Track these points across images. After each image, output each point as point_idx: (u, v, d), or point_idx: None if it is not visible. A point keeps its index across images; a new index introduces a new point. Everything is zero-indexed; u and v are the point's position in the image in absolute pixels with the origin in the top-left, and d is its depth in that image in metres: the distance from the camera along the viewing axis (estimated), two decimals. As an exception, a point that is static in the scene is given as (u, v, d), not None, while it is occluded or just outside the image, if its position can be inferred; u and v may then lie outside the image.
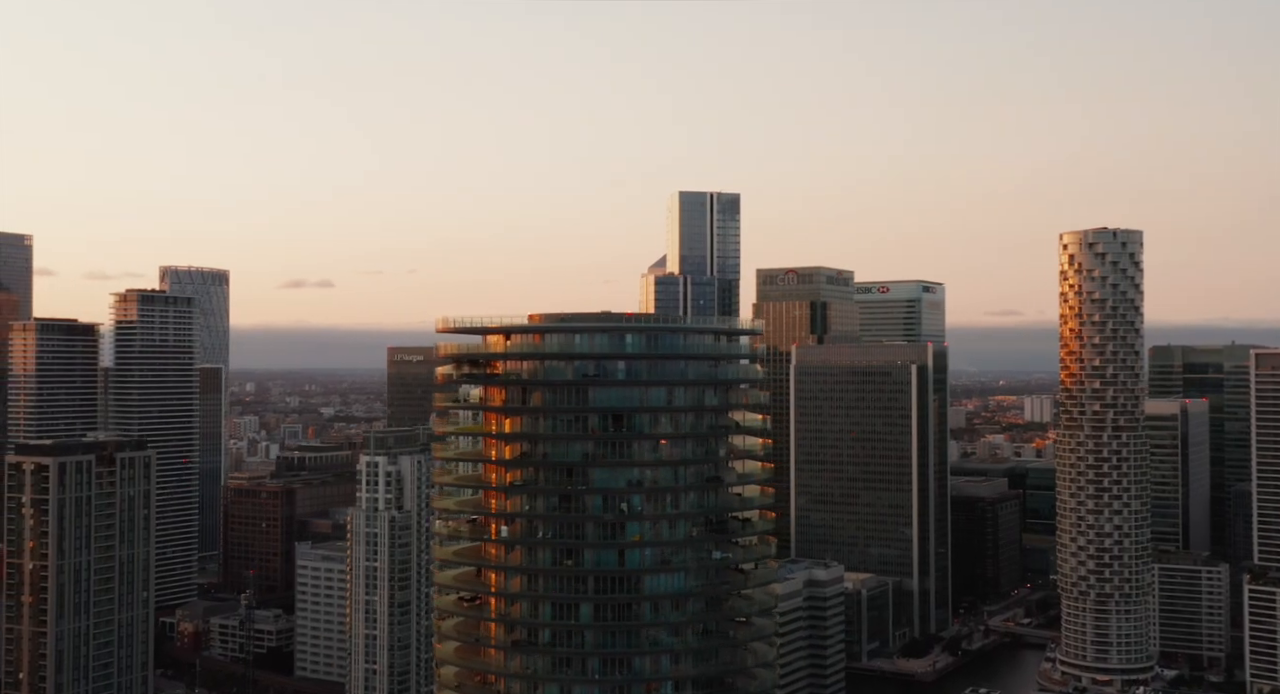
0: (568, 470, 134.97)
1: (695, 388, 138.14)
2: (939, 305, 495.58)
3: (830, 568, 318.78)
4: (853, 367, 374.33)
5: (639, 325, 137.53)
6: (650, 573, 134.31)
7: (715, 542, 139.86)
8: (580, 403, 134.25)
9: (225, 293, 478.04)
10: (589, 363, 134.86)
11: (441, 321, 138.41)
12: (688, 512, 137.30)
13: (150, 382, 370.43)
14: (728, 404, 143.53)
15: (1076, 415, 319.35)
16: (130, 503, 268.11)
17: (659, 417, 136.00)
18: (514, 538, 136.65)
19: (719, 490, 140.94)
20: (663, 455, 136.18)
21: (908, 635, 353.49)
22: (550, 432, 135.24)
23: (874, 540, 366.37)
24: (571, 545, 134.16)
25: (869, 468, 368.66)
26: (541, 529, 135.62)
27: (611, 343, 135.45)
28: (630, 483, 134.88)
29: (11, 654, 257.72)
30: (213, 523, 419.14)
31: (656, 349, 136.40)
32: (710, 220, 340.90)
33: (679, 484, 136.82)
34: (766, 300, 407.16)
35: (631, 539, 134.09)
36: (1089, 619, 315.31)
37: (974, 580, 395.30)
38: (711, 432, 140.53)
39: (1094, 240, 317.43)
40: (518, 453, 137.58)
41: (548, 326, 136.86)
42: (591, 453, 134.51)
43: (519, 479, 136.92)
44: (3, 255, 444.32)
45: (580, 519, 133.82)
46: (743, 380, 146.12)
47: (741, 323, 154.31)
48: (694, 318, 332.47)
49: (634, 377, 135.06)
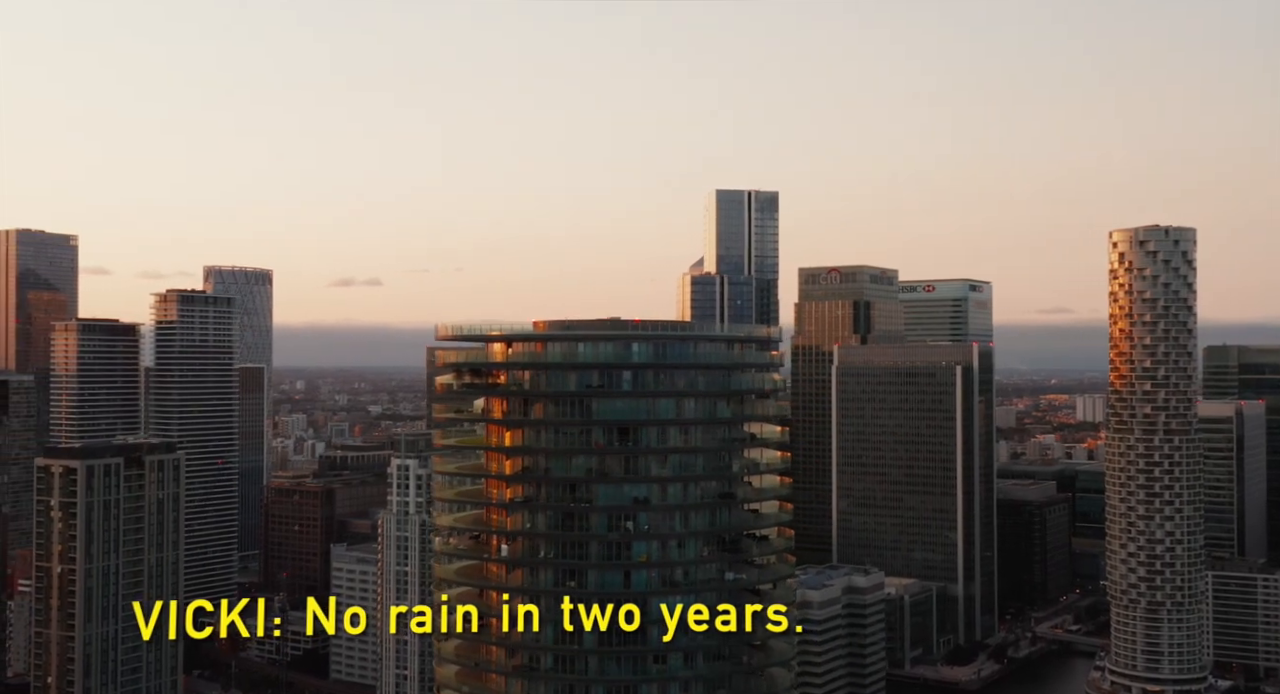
0: (570, 486, 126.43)
1: (707, 399, 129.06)
2: (986, 304, 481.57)
3: (870, 574, 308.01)
4: (896, 367, 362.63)
5: (646, 333, 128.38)
6: (658, 595, 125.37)
7: (728, 562, 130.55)
8: (584, 415, 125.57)
9: (268, 292, 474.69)
10: (593, 373, 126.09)
11: (441, 328, 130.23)
12: (698, 530, 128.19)
13: (190, 381, 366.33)
14: (743, 416, 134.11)
15: (1127, 418, 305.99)
16: (159, 506, 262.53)
17: (667, 430, 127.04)
18: (515, 557, 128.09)
19: (732, 507, 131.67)
20: (671, 471, 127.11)
21: (952, 642, 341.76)
22: (552, 445, 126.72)
23: (918, 545, 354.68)
24: (574, 566, 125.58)
25: (912, 471, 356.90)
26: (543, 548, 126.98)
27: (617, 352, 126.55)
28: (636, 500, 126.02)
29: (40, 658, 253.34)
30: (255, 522, 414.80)
31: (665, 358, 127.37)
32: (748, 219, 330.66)
33: (689, 501, 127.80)
34: (809, 300, 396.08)
35: (638, 559, 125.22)
36: (1140, 628, 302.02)
37: (1021, 586, 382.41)
38: (724, 445, 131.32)
39: (1145, 238, 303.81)
40: (519, 468, 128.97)
41: (549, 334, 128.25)
42: (595, 468, 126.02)
43: (519, 495, 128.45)
44: (49, 255, 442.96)
45: (584, 538, 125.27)
46: (759, 390, 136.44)
47: (761, 330, 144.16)
48: (730, 319, 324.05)
49: (641, 387, 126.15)
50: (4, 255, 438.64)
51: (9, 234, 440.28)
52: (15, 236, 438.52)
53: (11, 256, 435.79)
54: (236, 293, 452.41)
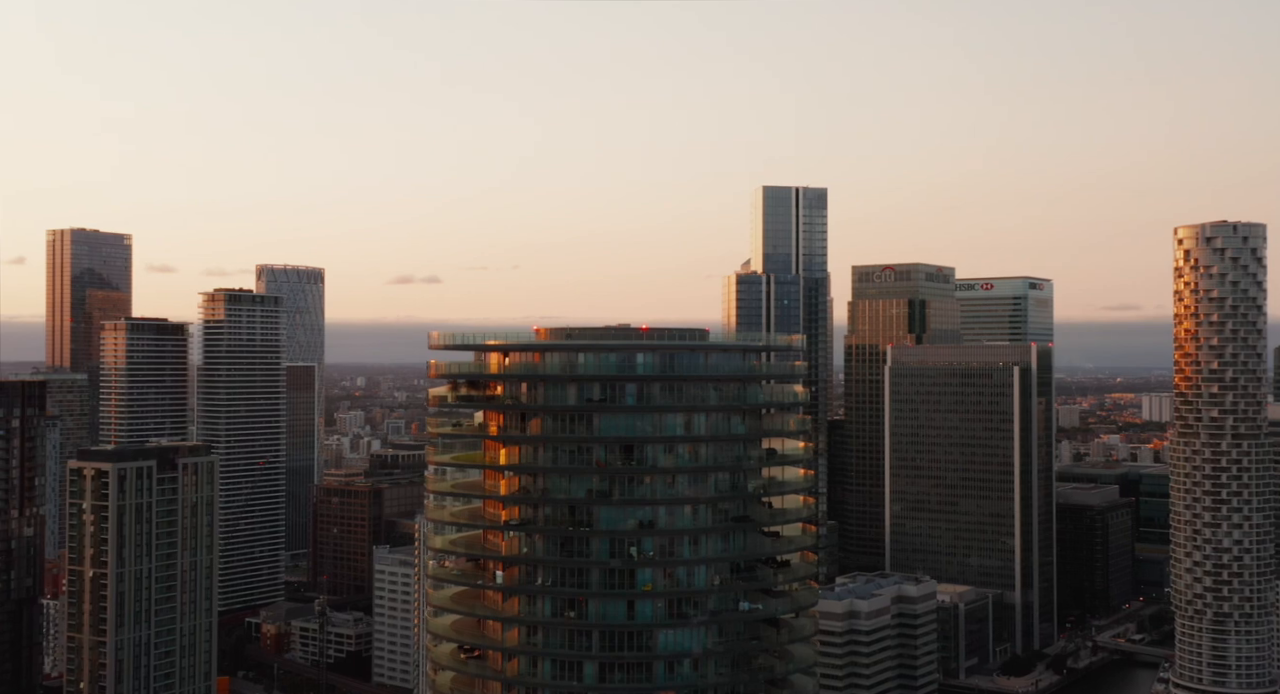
0: (570, 508, 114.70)
1: (719, 414, 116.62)
2: (1047, 302, 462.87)
3: (922, 583, 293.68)
4: (951, 367, 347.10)
5: (651, 342, 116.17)
6: (664, 628, 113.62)
7: (744, 591, 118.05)
8: (584, 431, 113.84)
9: (320, 291, 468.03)
10: (594, 385, 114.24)
11: (435, 336, 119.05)
12: (709, 557, 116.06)
13: (237, 381, 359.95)
14: (761, 432, 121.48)
15: (1192, 422, 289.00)
16: (193, 509, 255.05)
17: (675, 447, 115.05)
18: (510, 584, 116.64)
19: (747, 532, 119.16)
20: (679, 492, 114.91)
21: (1009, 652, 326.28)
22: (550, 464, 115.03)
23: (974, 551, 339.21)
24: (574, 595, 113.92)
25: (968, 474, 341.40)
26: (541, 575, 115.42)
27: (620, 363, 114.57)
28: (641, 524, 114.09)
29: (73, 663, 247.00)
30: (305, 521, 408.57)
31: (672, 370, 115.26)
32: (796, 216, 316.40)
33: (699, 525, 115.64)
34: (862, 298, 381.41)
35: (642, 589, 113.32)
36: (1205, 640, 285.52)
37: (1081, 593, 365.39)
38: (738, 464, 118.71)
39: (1212, 234, 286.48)
40: (515, 488, 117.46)
41: (547, 344, 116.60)
42: (597, 489, 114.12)
43: (515, 518, 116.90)
44: (104, 255, 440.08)
45: (584, 565, 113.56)
46: (780, 404, 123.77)
47: (783, 338, 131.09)
48: (775, 320, 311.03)
49: (646, 402, 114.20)
50: (60, 255, 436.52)
51: (64, 233, 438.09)
52: (70, 236, 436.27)
53: (66, 256, 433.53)
54: (288, 292, 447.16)
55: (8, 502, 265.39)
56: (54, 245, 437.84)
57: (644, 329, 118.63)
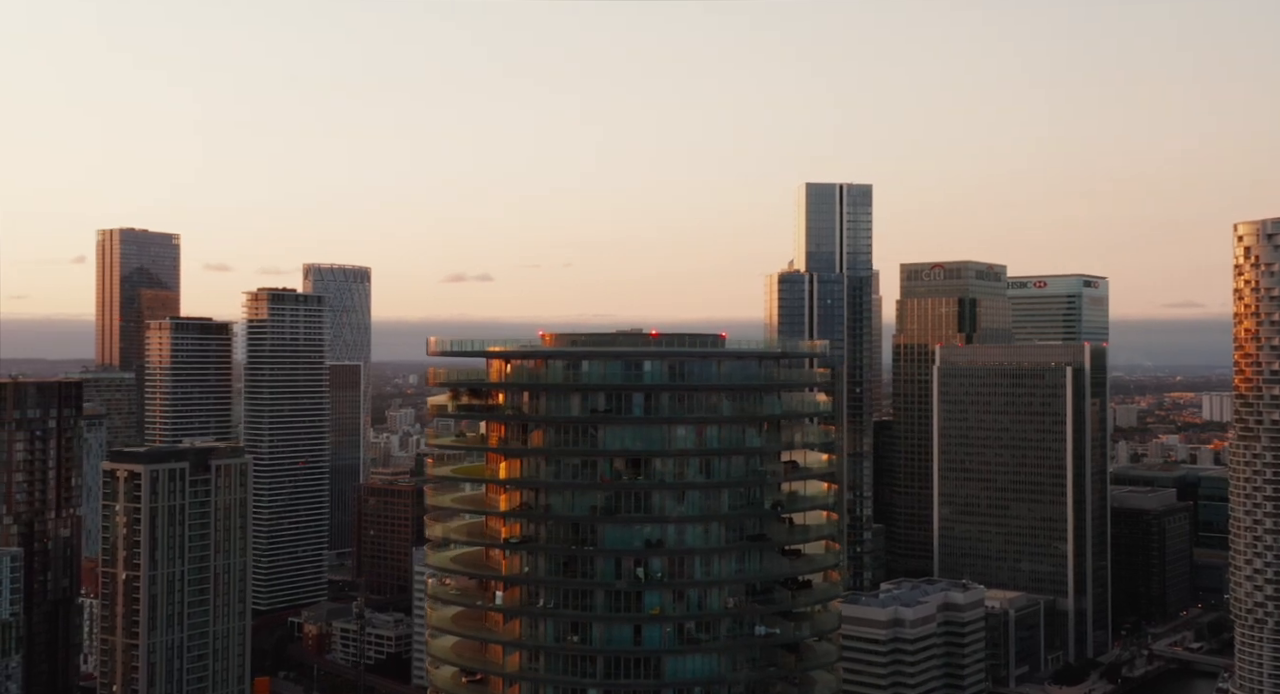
0: (573, 526, 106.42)
1: (732, 425, 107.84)
2: (1102, 301, 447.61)
3: (969, 589, 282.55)
4: (1001, 367, 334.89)
5: (659, 350, 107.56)
6: (673, 654, 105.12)
7: (759, 614, 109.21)
8: (588, 444, 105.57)
9: (367, 290, 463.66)
10: (598, 395, 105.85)
11: (433, 342, 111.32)
12: (723, 578, 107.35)
13: (281, 380, 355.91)
14: (779, 444, 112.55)
15: (1253, 424, 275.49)
16: (226, 511, 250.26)
17: (685, 461, 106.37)
18: (511, 606, 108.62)
19: (764, 551, 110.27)
20: (689, 509, 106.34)
21: (1061, 660, 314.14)
22: (553, 478, 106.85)
23: (1025, 556, 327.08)
24: (577, 618, 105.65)
25: (1019, 477, 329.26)
26: (543, 597, 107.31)
27: (626, 371, 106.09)
28: (648, 543, 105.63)
29: (106, 665, 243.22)
30: (350, 520, 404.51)
31: (682, 378, 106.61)
32: (839, 213, 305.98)
33: (710, 544, 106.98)
34: (911, 297, 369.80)
35: (649, 612, 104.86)
36: (1266, 649, 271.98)
37: (1137, 600, 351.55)
38: (754, 479, 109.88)
39: (1274, 231, 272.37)
40: (516, 503, 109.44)
41: (547, 351, 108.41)
42: (601, 505, 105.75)
43: (516, 535, 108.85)
44: (153, 254, 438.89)
45: (587, 586, 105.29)
46: (800, 414, 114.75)
47: (803, 344, 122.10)
48: (819, 320, 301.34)
49: (654, 412, 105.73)
50: (109, 254, 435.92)
51: (113, 233, 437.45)
52: (119, 236, 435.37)
53: (115, 255, 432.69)
54: (335, 291, 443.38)
55: (44, 502, 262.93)
56: (103, 245, 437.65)
57: (653, 334, 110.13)
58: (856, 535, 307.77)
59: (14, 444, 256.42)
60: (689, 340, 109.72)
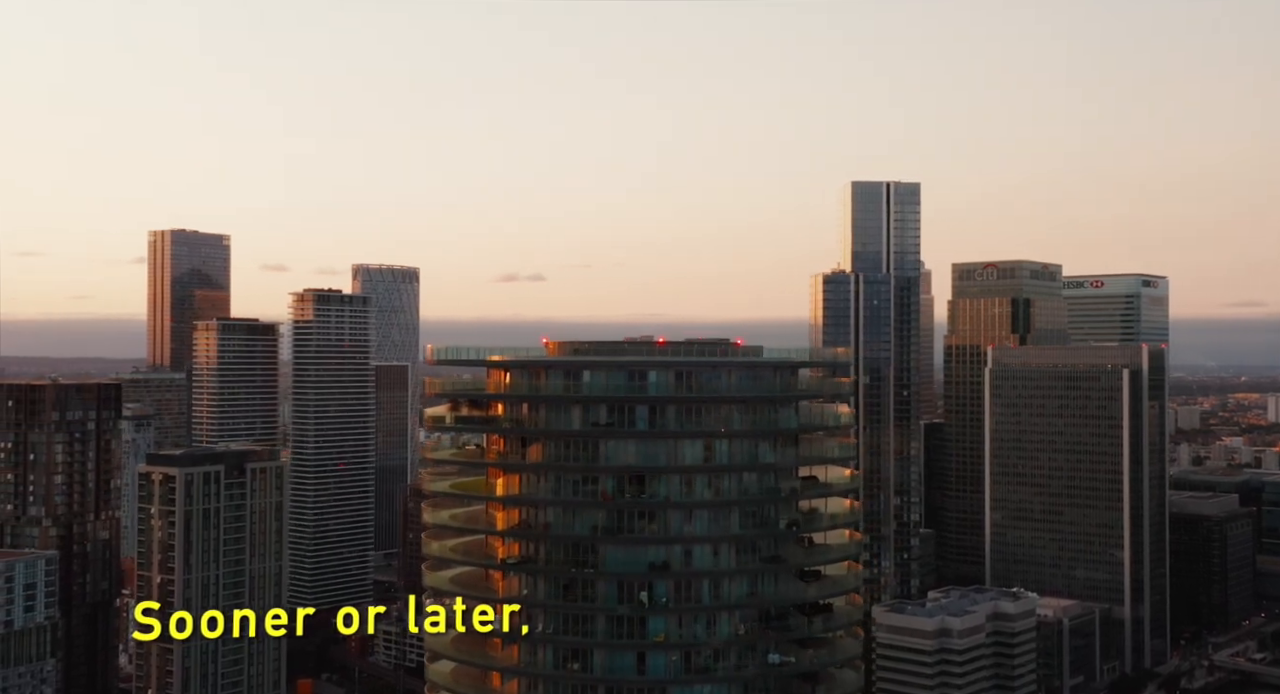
0: (573, 546, 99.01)
1: (744, 440, 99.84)
2: (1161, 301, 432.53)
3: (1020, 599, 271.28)
4: (1056, 369, 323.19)
5: (664, 358, 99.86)
6: (680, 684, 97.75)
7: (774, 641, 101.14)
8: (589, 459, 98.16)
9: (415, 290, 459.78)
10: (600, 407, 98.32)
11: (430, 350, 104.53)
12: (734, 603, 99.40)
13: (326, 380, 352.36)
14: (796, 459, 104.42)
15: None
16: (261, 514, 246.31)
17: (693, 478, 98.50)
18: (509, 631, 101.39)
19: (779, 574, 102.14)
20: (698, 529, 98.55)
21: (1117, 670, 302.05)
22: (551, 495, 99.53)
23: (1080, 562, 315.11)
24: (578, 645, 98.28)
25: (1074, 482, 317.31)
26: (542, 621, 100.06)
27: (629, 382, 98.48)
28: (653, 565, 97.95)
29: (141, 668, 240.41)
30: (397, 521, 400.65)
31: (689, 389, 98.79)
32: (886, 212, 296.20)
33: (721, 567, 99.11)
34: (963, 297, 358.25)
35: (654, 639, 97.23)
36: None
37: (1197, 608, 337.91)
38: (768, 496, 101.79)
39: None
40: (514, 522, 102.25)
41: (546, 361, 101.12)
42: (602, 525, 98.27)
43: (514, 556, 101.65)
44: (204, 254, 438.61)
45: (588, 611, 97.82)
46: (820, 427, 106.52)
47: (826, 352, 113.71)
48: (865, 321, 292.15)
49: (659, 426, 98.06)
50: (161, 255, 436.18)
51: (164, 234, 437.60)
52: (170, 237, 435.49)
53: (166, 256, 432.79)
54: (384, 291, 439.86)
55: (84, 504, 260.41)
56: (155, 246, 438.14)
57: (660, 342, 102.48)
58: (904, 542, 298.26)
59: (53, 446, 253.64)
60: (698, 349, 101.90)
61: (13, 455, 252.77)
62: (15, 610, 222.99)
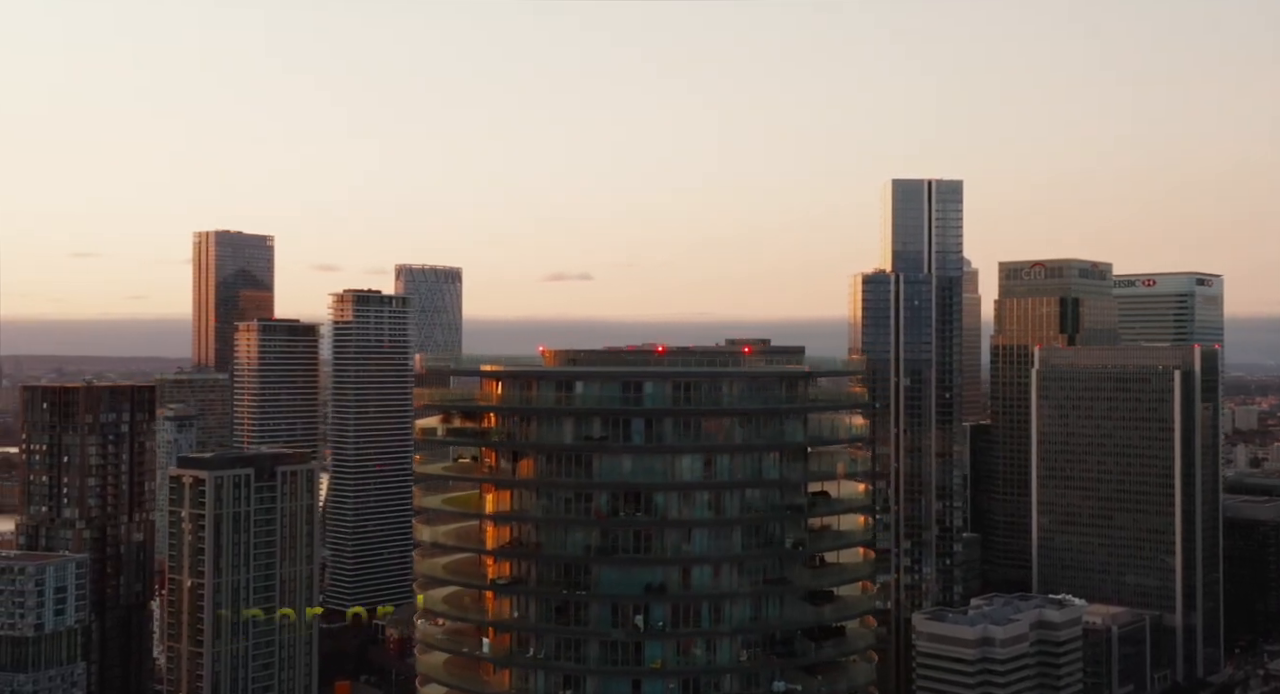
0: (565, 567, 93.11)
1: (747, 454, 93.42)
2: (1216, 300, 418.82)
3: (1066, 606, 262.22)
4: (1105, 370, 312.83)
5: (662, 370, 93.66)
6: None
7: (778, 668, 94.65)
8: (582, 475, 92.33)
9: (458, 290, 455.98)
10: (594, 421, 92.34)
11: (420, 360, 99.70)
12: (736, 628, 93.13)
13: (366, 380, 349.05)
14: (805, 474, 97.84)
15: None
16: (292, 518, 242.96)
17: (692, 495, 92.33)
18: (499, 655, 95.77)
19: (785, 597, 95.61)
20: (696, 549, 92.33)
21: (1168, 679, 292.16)
22: (543, 513, 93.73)
23: (1130, 568, 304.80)
24: (571, 671, 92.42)
25: (1124, 485, 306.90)
26: (534, 646, 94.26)
27: (624, 393, 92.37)
28: (649, 587, 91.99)
29: (172, 673, 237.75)
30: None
31: (688, 401, 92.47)
32: (928, 210, 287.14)
33: (722, 589, 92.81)
34: (1010, 297, 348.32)
35: (650, 665, 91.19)
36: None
37: (1253, 616, 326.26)
38: (773, 514, 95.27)
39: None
40: (506, 540, 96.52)
41: (537, 371, 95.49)
42: (596, 545, 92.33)
43: (505, 576, 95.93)
44: (247, 255, 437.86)
45: (581, 635, 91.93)
46: (831, 439, 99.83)
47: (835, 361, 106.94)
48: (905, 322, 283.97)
49: (656, 440, 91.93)
50: (206, 256, 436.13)
51: (208, 235, 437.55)
52: (214, 238, 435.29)
53: (211, 257, 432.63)
54: (426, 291, 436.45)
55: (117, 507, 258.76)
56: (200, 246, 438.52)
57: (660, 351, 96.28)
58: (945, 547, 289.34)
59: (87, 448, 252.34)
60: (697, 358, 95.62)
61: (47, 457, 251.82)
62: (45, 613, 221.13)
